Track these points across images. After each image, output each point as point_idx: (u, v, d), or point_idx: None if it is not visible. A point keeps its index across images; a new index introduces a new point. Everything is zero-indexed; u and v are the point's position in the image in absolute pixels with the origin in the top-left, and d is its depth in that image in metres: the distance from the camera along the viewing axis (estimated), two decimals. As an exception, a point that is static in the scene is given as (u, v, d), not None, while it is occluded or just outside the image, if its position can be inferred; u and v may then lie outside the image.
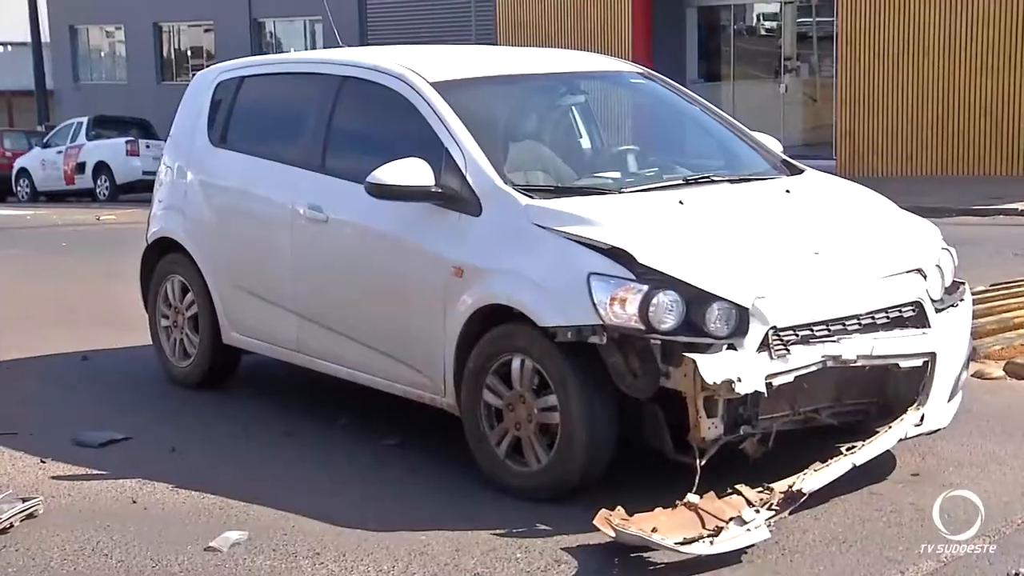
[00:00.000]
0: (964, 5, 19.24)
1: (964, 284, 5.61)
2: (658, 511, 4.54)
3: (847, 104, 20.70)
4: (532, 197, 5.30)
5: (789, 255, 5.09)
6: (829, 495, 4.86)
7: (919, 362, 5.08)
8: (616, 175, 5.96)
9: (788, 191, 5.72)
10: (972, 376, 6.36)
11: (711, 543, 4.37)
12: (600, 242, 4.91)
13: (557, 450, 4.98)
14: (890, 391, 5.17)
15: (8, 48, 43.90)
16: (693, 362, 4.61)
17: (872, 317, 5.02)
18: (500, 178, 5.39)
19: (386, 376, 5.87)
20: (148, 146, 26.09)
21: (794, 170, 6.09)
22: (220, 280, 6.84)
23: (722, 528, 4.43)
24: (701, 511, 4.51)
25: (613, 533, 4.43)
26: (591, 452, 4.91)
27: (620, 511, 4.52)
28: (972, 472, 5.30)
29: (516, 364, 5.09)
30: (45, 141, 28.86)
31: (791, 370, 4.78)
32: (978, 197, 16.16)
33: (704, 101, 6.71)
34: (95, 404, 6.90)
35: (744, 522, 4.46)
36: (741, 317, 4.75)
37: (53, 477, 5.59)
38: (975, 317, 6.31)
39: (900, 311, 5.11)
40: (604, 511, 4.52)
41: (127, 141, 26.67)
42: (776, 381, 4.75)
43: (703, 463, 4.69)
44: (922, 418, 5.09)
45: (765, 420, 4.85)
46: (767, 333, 4.75)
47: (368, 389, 6.07)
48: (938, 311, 5.22)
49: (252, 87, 7.08)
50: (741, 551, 4.42)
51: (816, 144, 21.57)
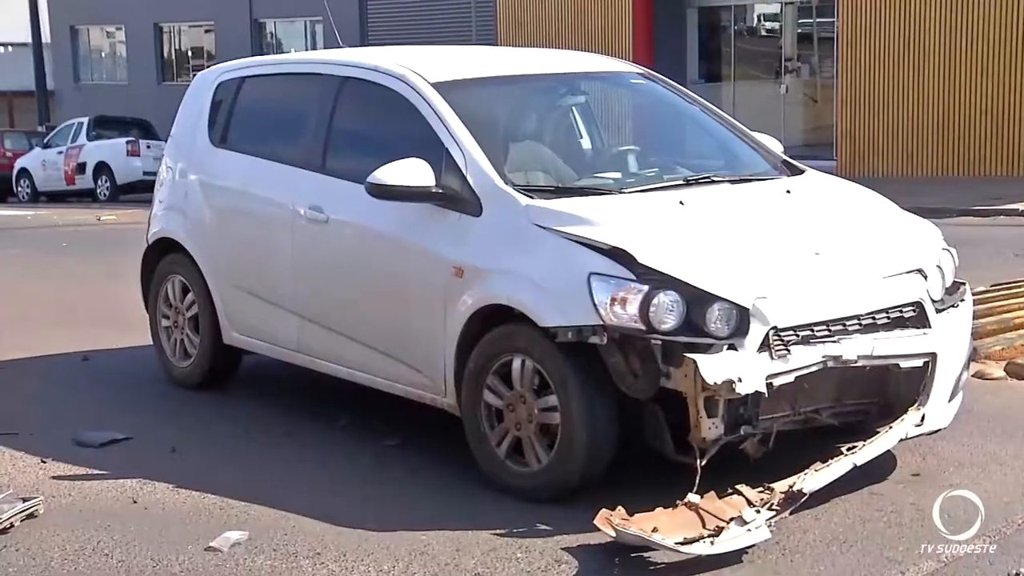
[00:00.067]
0: (964, 6, 19.24)
1: (965, 284, 5.60)
2: (659, 511, 4.54)
3: (847, 105, 20.69)
4: (532, 197, 5.30)
5: (790, 255, 5.09)
6: (830, 495, 4.86)
7: (920, 362, 5.09)
8: (616, 175, 5.96)
9: (788, 191, 5.72)
10: (973, 376, 6.36)
11: (711, 543, 4.37)
12: (600, 242, 4.91)
13: (557, 450, 4.98)
14: (891, 391, 5.17)
15: (9, 48, 43.92)
16: (694, 362, 4.61)
17: (873, 317, 5.02)
18: (500, 178, 5.39)
19: (386, 376, 5.87)
20: (149, 146, 26.09)
21: (794, 170, 6.09)
22: (221, 280, 6.84)
23: (723, 528, 4.43)
24: (702, 511, 4.51)
25: (613, 533, 4.43)
26: (591, 452, 4.91)
27: (621, 511, 4.52)
28: (972, 472, 5.30)
29: (516, 364, 5.09)
30: (46, 141, 28.85)
31: (792, 370, 4.78)
32: (978, 198, 16.15)
33: (704, 102, 6.71)
34: (95, 404, 6.91)
35: (745, 522, 4.46)
36: (742, 317, 4.75)
37: (53, 477, 5.60)
38: (976, 317, 6.31)
39: (901, 311, 5.11)
40: (604, 511, 4.52)
41: (128, 141, 26.66)
42: (777, 381, 4.75)
43: (703, 463, 4.69)
44: (923, 418, 5.10)
45: (766, 420, 4.85)
46: (768, 333, 4.75)
47: (368, 390, 6.07)
48: (939, 311, 5.22)
49: (253, 88, 7.08)
50: (742, 551, 4.42)
51: (816, 145, 21.56)
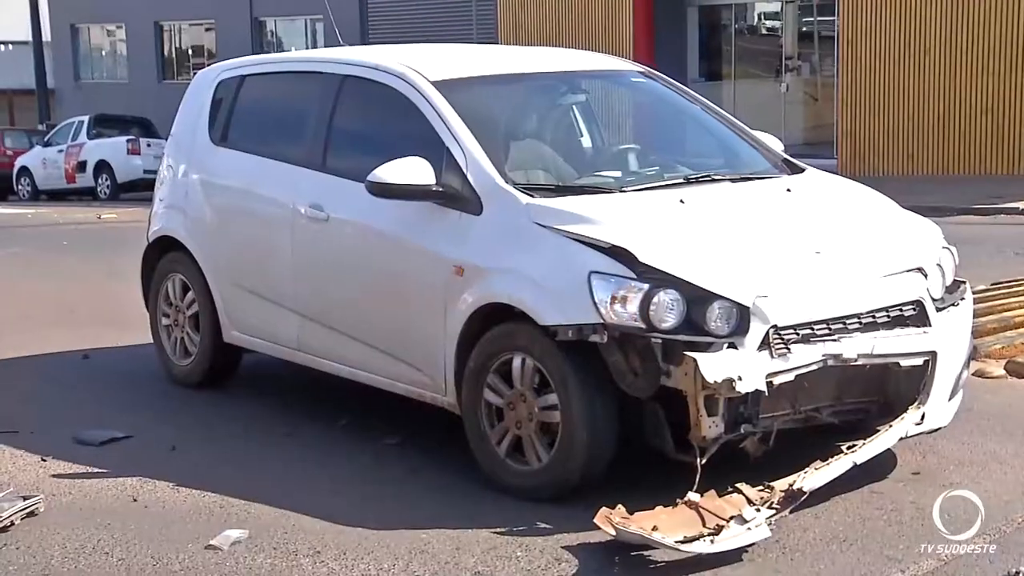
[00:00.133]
0: (964, 5, 19.22)
1: (965, 283, 5.60)
2: (659, 510, 4.54)
3: (848, 103, 20.68)
4: (533, 196, 5.30)
5: (790, 254, 5.09)
6: (830, 494, 4.86)
7: (920, 361, 5.08)
8: (617, 174, 5.96)
9: (789, 190, 5.72)
10: (973, 375, 6.36)
11: (711, 542, 4.37)
12: (601, 241, 4.91)
13: (558, 449, 4.98)
14: (891, 390, 5.17)
15: (9, 47, 43.94)
16: (694, 361, 4.61)
17: (873, 316, 5.02)
18: (501, 177, 5.38)
19: (387, 375, 5.87)
20: (149, 145, 26.11)
21: (795, 169, 6.09)
22: (221, 279, 6.84)
23: (723, 527, 4.43)
24: (702, 510, 4.51)
25: (613, 532, 4.43)
26: (592, 451, 4.91)
27: (620, 510, 4.52)
28: (973, 471, 5.30)
29: (517, 363, 5.09)
30: (46, 140, 28.87)
31: (792, 369, 4.78)
32: (979, 196, 16.14)
33: (705, 100, 6.71)
34: (96, 403, 6.91)
35: (745, 521, 4.46)
36: (742, 316, 4.75)
37: (54, 475, 5.60)
38: (976, 316, 6.31)
39: (901, 310, 5.11)
40: (604, 510, 4.52)
41: (128, 140, 26.67)
42: (777, 380, 4.75)
43: (704, 462, 4.69)
44: (923, 417, 5.09)
45: (766, 419, 4.85)
46: (768, 332, 4.75)
47: (368, 389, 6.07)
48: (939, 310, 5.22)
49: (253, 86, 7.08)
50: (742, 550, 4.42)
51: (817, 143, 21.55)
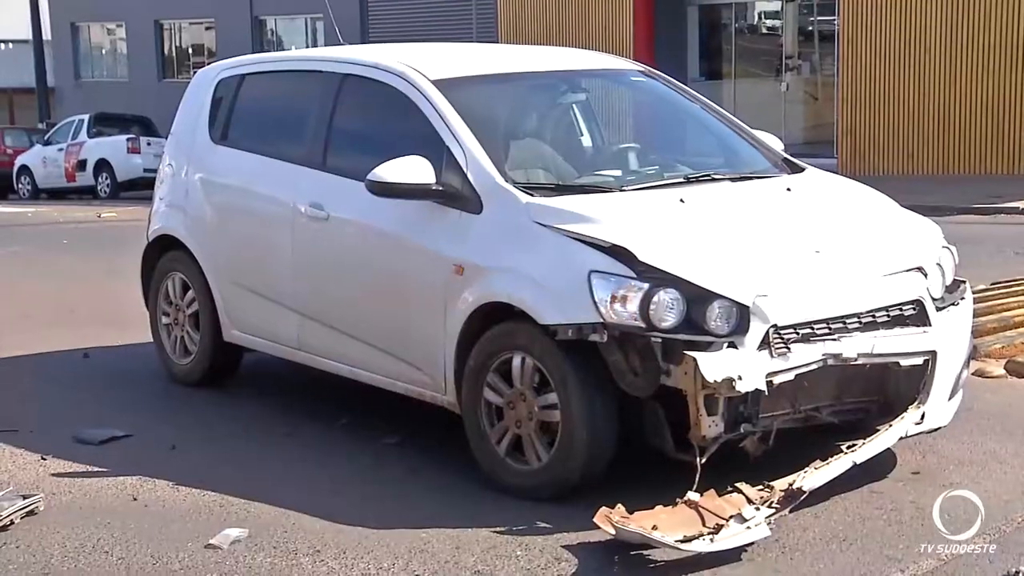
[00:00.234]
0: (964, 5, 19.21)
1: (965, 283, 5.60)
2: (658, 509, 4.54)
3: (848, 102, 20.68)
4: (533, 195, 5.30)
5: (790, 253, 5.09)
6: (829, 493, 4.86)
7: (920, 360, 5.08)
8: (617, 173, 5.96)
9: (789, 189, 5.72)
10: (973, 374, 6.36)
11: (711, 540, 4.37)
12: (601, 240, 4.91)
13: (558, 448, 4.97)
14: (891, 389, 5.17)
15: (9, 45, 43.91)
16: (694, 360, 4.61)
17: (873, 315, 5.02)
18: (501, 176, 5.38)
19: (387, 374, 5.87)
20: (149, 143, 26.11)
21: (795, 168, 6.09)
22: (221, 278, 6.84)
23: (722, 526, 4.43)
24: (701, 509, 4.51)
25: (613, 531, 4.43)
26: (591, 450, 4.91)
27: (620, 509, 4.52)
28: (972, 471, 5.30)
29: (517, 362, 5.09)
30: (46, 138, 28.87)
31: (792, 368, 4.78)
32: (979, 196, 16.14)
33: (705, 99, 6.71)
34: (95, 402, 6.90)
35: (744, 519, 4.46)
36: (742, 315, 4.75)
37: (53, 474, 5.60)
38: (976, 315, 6.31)
39: (901, 309, 5.11)
40: (604, 509, 4.52)
41: (128, 139, 26.68)
42: (777, 379, 4.75)
43: (703, 461, 4.69)
44: (923, 416, 5.09)
45: (766, 418, 4.85)
46: (768, 331, 4.75)
47: (368, 388, 6.07)
48: (939, 309, 5.22)
49: (253, 85, 7.08)
50: (741, 549, 4.42)
51: (817, 142, 21.55)
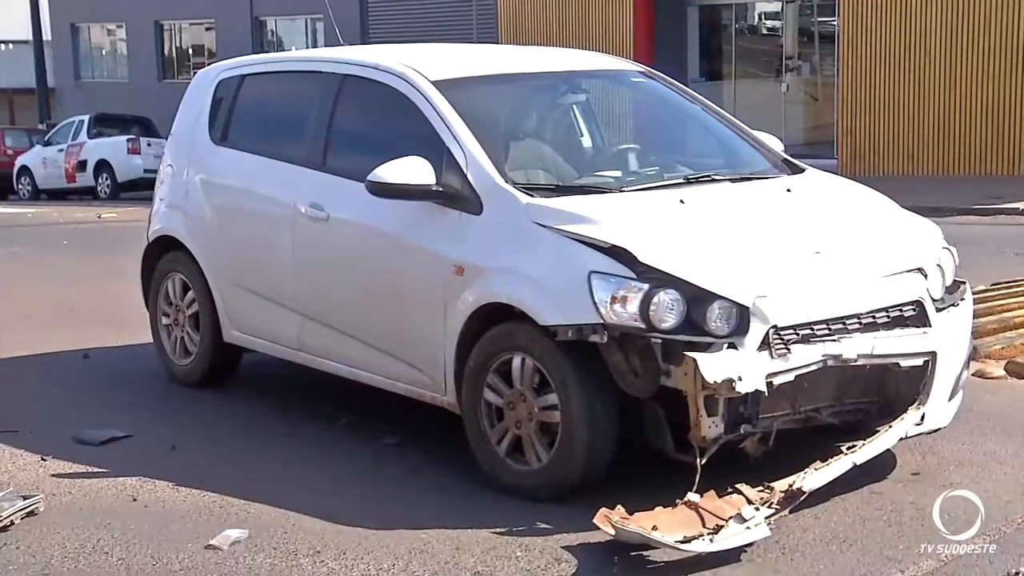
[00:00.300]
0: (964, 5, 19.22)
1: (965, 283, 5.60)
2: (658, 510, 4.54)
3: (848, 103, 20.68)
4: (533, 196, 5.30)
5: (790, 254, 5.09)
6: (829, 494, 4.86)
7: (920, 361, 5.08)
8: (617, 174, 5.96)
9: (789, 190, 5.72)
10: (973, 375, 6.36)
11: (711, 540, 4.37)
12: (601, 241, 4.91)
13: (558, 449, 4.98)
14: (891, 390, 5.17)
15: (9, 46, 43.93)
16: (694, 361, 4.61)
17: (873, 316, 5.02)
18: (501, 177, 5.38)
19: (387, 375, 5.87)
20: (149, 144, 26.10)
21: (795, 169, 6.09)
22: (221, 278, 6.84)
23: (722, 527, 4.43)
24: (701, 510, 4.51)
25: (613, 531, 4.43)
26: (592, 451, 4.91)
27: (620, 510, 4.52)
28: (972, 471, 5.30)
29: (517, 363, 5.09)
30: (46, 139, 28.86)
31: (792, 369, 4.78)
32: (979, 197, 16.15)
33: (705, 100, 6.71)
34: (95, 402, 6.90)
35: (744, 520, 4.46)
36: (742, 316, 4.75)
37: (54, 475, 5.60)
38: (976, 316, 6.31)
39: (901, 310, 5.11)
40: (604, 510, 4.52)
41: (128, 139, 26.67)
42: (777, 380, 4.75)
43: (703, 462, 4.69)
44: (923, 417, 5.09)
45: (766, 419, 4.85)
46: (768, 332, 4.75)
47: (368, 389, 6.07)
48: (939, 310, 5.22)
49: (253, 85, 7.08)
50: (741, 549, 4.42)
51: (817, 143, 21.56)
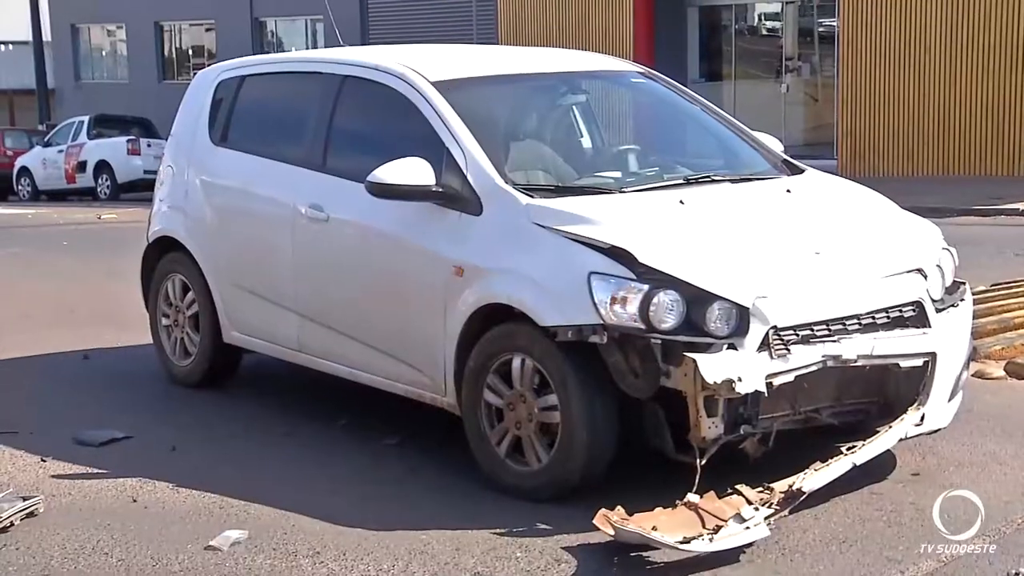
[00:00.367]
0: (964, 5, 19.23)
1: (965, 284, 5.60)
2: (658, 511, 4.54)
3: (848, 104, 20.69)
4: (533, 196, 5.30)
5: (790, 255, 5.09)
6: (829, 495, 4.86)
7: (919, 362, 5.08)
8: (617, 175, 5.96)
9: (789, 191, 5.72)
10: (973, 376, 6.36)
11: (710, 540, 4.37)
12: (601, 241, 4.91)
13: (558, 449, 4.98)
14: (890, 391, 5.17)
15: (9, 47, 43.93)
16: (694, 361, 4.61)
17: (872, 317, 5.02)
18: (501, 177, 5.38)
19: (387, 375, 5.87)
20: (149, 145, 26.10)
21: (795, 170, 6.09)
22: (221, 279, 6.84)
23: (722, 527, 4.43)
24: (701, 511, 4.51)
25: (613, 532, 4.43)
26: (591, 451, 4.91)
27: (620, 510, 4.52)
28: (972, 472, 5.30)
29: (516, 363, 5.09)
30: (46, 140, 28.85)
31: (791, 370, 4.78)
32: (979, 197, 16.14)
33: (705, 101, 6.71)
34: (95, 403, 6.90)
35: (743, 520, 4.46)
36: (742, 317, 4.75)
37: (53, 476, 5.59)
38: (976, 317, 6.31)
39: (900, 311, 5.11)
40: (604, 510, 4.52)
41: (128, 140, 26.67)
42: (776, 381, 4.75)
43: (703, 463, 4.69)
44: (922, 418, 5.09)
45: (765, 420, 4.85)
46: (767, 333, 4.75)
47: (368, 389, 6.07)
48: (939, 311, 5.22)
49: (253, 86, 7.08)
50: (740, 550, 4.42)
51: (817, 144, 21.56)
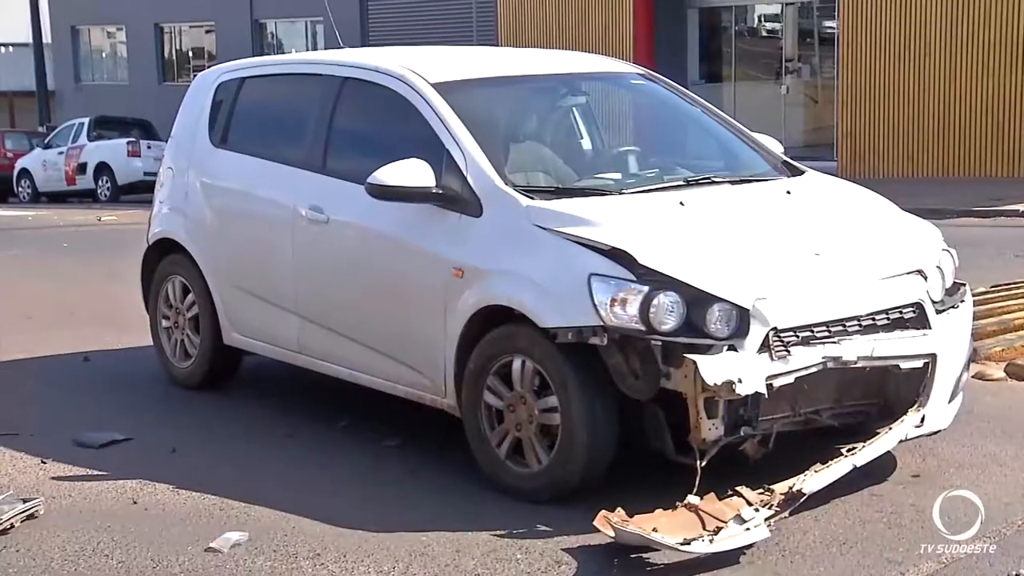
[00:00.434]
0: (964, 6, 19.23)
1: (965, 285, 5.61)
2: (658, 512, 4.55)
3: (848, 105, 20.69)
4: (533, 198, 5.30)
5: (790, 256, 5.09)
6: (829, 496, 4.86)
7: (920, 363, 5.09)
8: (617, 176, 5.96)
9: (789, 192, 5.72)
10: (973, 377, 6.35)
11: (710, 541, 4.37)
12: (601, 243, 4.91)
13: (558, 451, 4.98)
14: (891, 392, 5.17)
15: (9, 49, 43.93)
16: (694, 363, 4.61)
17: (872, 318, 5.02)
18: (501, 179, 5.39)
19: (387, 377, 5.87)
20: (149, 147, 26.08)
21: (795, 171, 6.09)
22: (221, 281, 6.84)
23: (722, 528, 4.43)
24: (701, 512, 4.51)
25: (613, 533, 4.43)
26: (592, 453, 4.91)
27: (620, 512, 4.52)
28: (972, 473, 5.30)
29: (517, 365, 5.09)
30: (46, 142, 28.84)
31: (791, 371, 4.78)
32: (979, 198, 16.15)
33: (705, 102, 6.71)
34: (95, 405, 6.90)
35: (743, 521, 4.46)
36: (742, 318, 4.75)
37: (54, 478, 5.59)
38: (976, 318, 6.31)
39: (901, 312, 5.11)
40: (604, 512, 4.52)
41: (128, 142, 26.66)
42: (776, 382, 4.75)
43: (703, 464, 4.70)
44: (922, 419, 5.10)
45: (765, 421, 4.86)
46: (768, 334, 4.75)
47: (368, 391, 6.07)
48: (939, 312, 5.22)
49: (253, 88, 7.08)
50: (741, 551, 4.43)
51: (817, 145, 21.57)
